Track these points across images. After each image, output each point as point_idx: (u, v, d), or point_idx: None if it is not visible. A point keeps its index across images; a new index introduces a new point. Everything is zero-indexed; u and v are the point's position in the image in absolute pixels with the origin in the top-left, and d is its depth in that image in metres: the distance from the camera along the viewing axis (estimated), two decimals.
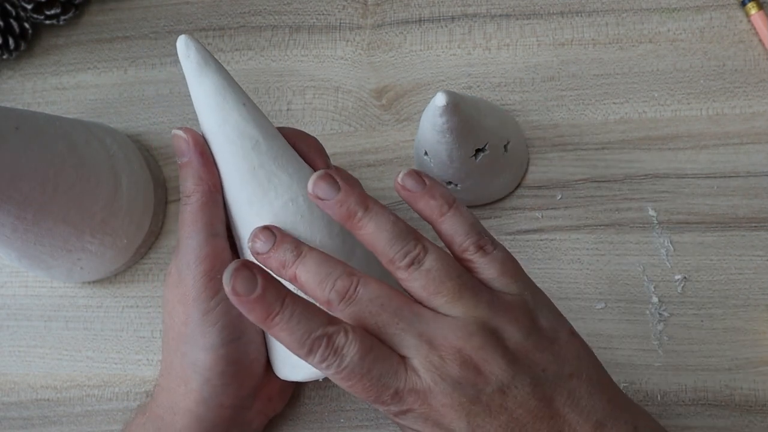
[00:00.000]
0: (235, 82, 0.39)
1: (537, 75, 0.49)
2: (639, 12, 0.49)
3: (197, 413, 0.40)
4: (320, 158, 0.41)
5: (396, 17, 0.52)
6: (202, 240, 0.38)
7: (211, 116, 0.38)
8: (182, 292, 0.39)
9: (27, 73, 0.56)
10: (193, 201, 0.39)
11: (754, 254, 0.45)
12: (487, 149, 0.43)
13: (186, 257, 0.39)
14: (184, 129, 0.39)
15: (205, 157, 0.39)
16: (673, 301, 0.45)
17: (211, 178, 0.39)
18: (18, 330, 0.51)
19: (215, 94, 0.38)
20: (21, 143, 0.40)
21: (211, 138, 0.39)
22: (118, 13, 0.56)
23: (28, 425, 0.49)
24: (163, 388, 0.41)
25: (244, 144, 0.38)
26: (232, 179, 0.39)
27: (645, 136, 0.47)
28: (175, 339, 0.40)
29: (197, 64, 0.38)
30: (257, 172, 0.38)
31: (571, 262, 0.46)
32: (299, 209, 0.38)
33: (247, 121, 0.38)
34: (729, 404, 0.43)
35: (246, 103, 0.38)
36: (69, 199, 0.42)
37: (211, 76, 0.38)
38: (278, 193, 0.38)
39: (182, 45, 0.38)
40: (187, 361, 0.39)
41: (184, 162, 0.39)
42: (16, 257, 0.44)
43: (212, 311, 0.38)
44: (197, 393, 0.39)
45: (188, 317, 0.39)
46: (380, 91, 0.51)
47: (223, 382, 0.39)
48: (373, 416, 0.46)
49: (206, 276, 0.38)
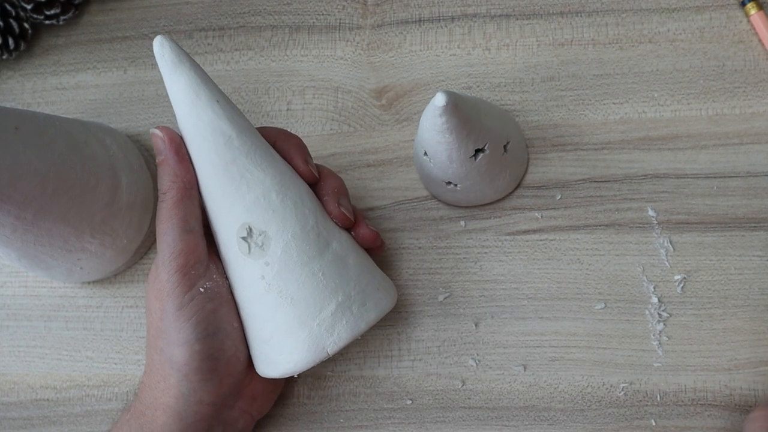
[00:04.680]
0: (210, 79, 0.40)
1: (537, 75, 0.49)
2: (639, 12, 0.49)
3: (177, 409, 0.40)
4: (299, 155, 0.42)
5: (396, 17, 0.52)
6: (177, 236, 0.39)
7: (185, 114, 0.39)
8: (158, 288, 0.40)
9: (27, 73, 0.56)
10: (169, 198, 0.40)
11: (754, 254, 0.45)
12: (486, 149, 0.43)
13: (161, 253, 0.40)
14: (160, 128, 0.41)
15: (180, 154, 0.40)
16: (672, 301, 0.45)
17: (186, 175, 0.40)
18: (18, 330, 0.51)
19: (189, 91, 0.39)
20: (21, 143, 0.40)
21: (186, 135, 0.40)
22: (118, 13, 0.56)
23: (28, 425, 0.49)
24: (145, 385, 0.41)
25: (216, 140, 0.39)
26: (206, 175, 0.40)
27: (645, 136, 0.47)
28: (153, 335, 0.40)
29: (171, 63, 0.39)
30: (230, 167, 0.39)
31: (571, 263, 0.46)
32: (271, 204, 0.39)
33: (220, 117, 0.39)
34: (729, 404, 0.43)
35: (220, 100, 0.39)
36: (69, 199, 0.42)
37: (186, 74, 0.39)
38: (250, 187, 0.39)
39: (157, 45, 0.39)
40: (164, 357, 0.40)
41: (161, 160, 0.40)
42: (16, 257, 0.44)
43: (186, 306, 0.39)
44: (176, 389, 0.40)
45: (163, 312, 0.39)
46: (380, 91, 0.51)
47: (200, 378, 0.39)
48: (373, 416, 0.46)
49: (180, 271, 0.39)
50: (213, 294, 0.40)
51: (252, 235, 0.39)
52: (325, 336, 0.39)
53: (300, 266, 0.39)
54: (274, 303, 0.40)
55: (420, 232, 0.48)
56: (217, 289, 0.40)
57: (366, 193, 0.49)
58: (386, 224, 0.49)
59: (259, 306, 0.40)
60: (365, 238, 0.43)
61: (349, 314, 0.40)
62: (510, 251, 0.47)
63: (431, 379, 0.46)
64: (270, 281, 0.39)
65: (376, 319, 0.41)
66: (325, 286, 0.40)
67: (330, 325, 0.39)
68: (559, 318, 0.46)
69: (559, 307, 0.46)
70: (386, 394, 0.46)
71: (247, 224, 0.39)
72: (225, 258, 0.41)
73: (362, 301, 0.40)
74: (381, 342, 0.47)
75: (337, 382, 0.47)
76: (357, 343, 0.47)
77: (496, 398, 0.45)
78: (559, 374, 0.45)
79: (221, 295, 0.41)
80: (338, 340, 0.40)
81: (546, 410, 0.45)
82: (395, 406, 0.46)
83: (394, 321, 0.47)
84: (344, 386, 0.47)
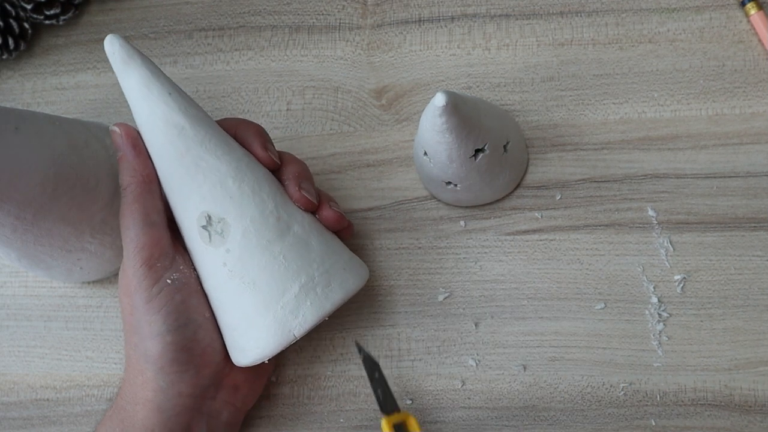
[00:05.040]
0: (162, 73, 0.40)
1: (536, 75, 0.49)
2: (639, 12, 0.49)
3: (156, 403, 0.40)
4: (258, 141, 0.42)
5: (396, 17, 0.52)
6: (139, 230, 0.40)
7: (139, 108, 0.40)
8: (126, 283, 0.40)
9: (27, 73, 0.56)
10: (129, 193, 0.40)
11: (754, 254, 0.45)
12: (486, 149, 0.43)
13: (126, 249, 0.40)
14: (118, 124, 0.41)
15: (137, 149, 0.41)
16: (672, 301, 0.45)
17: (144, 170, 0.41)
18: (18, 330, 0.51)
19: (141, 86, 0.40)
20: (21, 143, 0.40)
21: (142, 129, 0.41)
22: (118, 13, 0.56)
23: (28, 425, 0.49)
24: (125, 381, 0.42)
25: (169, 132, 0.40)
26: (164, 167, 0.41)
27: (644, 136, 0.47)
28: (127, 331, 0.40)
29: (122, 60, 0.39)
30: (184, 157, 0.40)
31: (571, 263, 0.46)
32: (228, 191, 0.40)
33: (172, 109, 0.40)
34: (729, 404, 0.43)
35: (172, 93, 0.40)
36: (69, 199, 0.42)
37: (137, 69, 0.39)
38: (206, 176, 0.40)
39: (108, 44, 0.40)
40: (139, 352, 0.40)
41: (120, 156, 0.41)
42: (16, 257, 0.44)
43: (154, 298, 0.39)
44: (153, 382, 0.40)
45: (133, 307, 0.40)
46: (380, 91, 0.51)
47: (176, 370, 0.40)
48: (373, 416, 0.46)
49: (145, 265, 0.39)
50: (181, 285, 0.40)
51: (211, 223, 0.40)
52: (290, 318, 0.39)
53: (260, 250, 0.40)
54: (237, 289, 0.40)
55: (420, 232, 0.48)
56: (184, 279, 0.40)
57: (366, 193, 0.49)
58: (386, 224, 0.49)
59: (224, 294, 0.40)
60: (329, 220, 0.43)
61: (314, 295, 0.40)
62: (510, 251, 0.47)
63: (431, 379, 0.46)
64: (232, 268, 0.40)
65: (343, 299, 0.41)
66: (286, 269, 0.40)
67: (294, 308, 0.39)
68: (559, 318, 0.46)
69: (559, 307, 0.46)
70: None
71: (206, 213, 0.40)
72: (190, 248, 0.41)
73: (327, 281, 0.40)
74: (381, 342, 0.47)
75: (337, 382, 0.47)
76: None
77: (496, 398, 0.45)
78: (559, 374, 0.45)
79: (189, 285, 0.41)
80: (303, 323, 0.40)
81: (546, 410, 0.45)
82: None
83: (394, 321, 0.47)
84: (344, 386, 0.47)
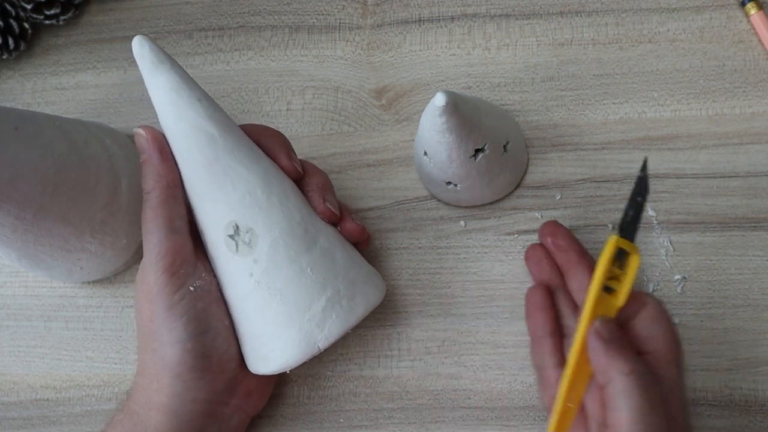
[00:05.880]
0: (191, 79, 0.40)
1: (536, 75, 0.49)
2: (639, 12, 0.49)
3: (171, 408, 0.40)
4: (283, 151, 0.42)
5: (396, 17, 0.52)
6: (162, 236, 0.39)
7: (167, 113, 0.39)
8: (146, 288, 0.39)
9: (27, 73, 0.56)
10: (153, 198, 0.40)
11: (754, 254, 0.45)
12: (486, 149, 0.43)
13: (147, 254, 0.40)
14: (143, 127, 0.40)
15: (163, 153, 0.40)
16: (673, 301, 0.45)
17: (169, 174, 0.40)
18: (18, 330, 0.51)
19: (170, 91, 0.39)
20: (21, 143, 0.40)
21: (169, 134, 0.40)
22: (118, 13, 0.56)
23: (28, 425, 0.49)
24: (138, 385, 0.41)
25: (199, 139, 0.39)
26: (190, 174, 0.40)
27: (645, 136, 0.47)
28: (145, 336, 0.40)
29: (152, 63, 0.39)
30: (213, 166, 0.39)
31: None
32: (257, 201, 0.39)
33: (202, 116, 0.39)
34: (729, 404, 0.43)
35: (201, 99, 0.39)
36: (69, 199, 0.42)
37: (166, 74, 0.39)
38: (235, 186, 0.39)
39: (137, 45, 0.39)
40: (157, 358, 0.39)
41: (144, 159, 0.40)
42: (16, 257, 0.44)
43: (176, 306, 0.39)
44: (169, 388, 0.40)
45: (153, 314, 0.39)
46: (380, 91, 0.51)
47: (194, 377, 0.39)
48: (373, 416, 0.46)
49: (167, 272, 0.39)
50: (203, 292, 0.40)
51: (239, 232, 0.39)
52: (315, 331, 0.39)
53: (288, 262, 0.39)
54: (263, 300, 0.40)
55: (420, 232, 0.48)
56: (206, 287, 0.40)
57: (366, 193, 0.49)
58: (386, 224, 0.49)
59: (249, 303, 0.40)
60: (351, 232, 0.43)
61: (339, 308, 0.40)
62: (510, 251, 0.47)
63: (431, 379, 0.46)
64: (259, 278, 0.39)
65: (366, 312, 0.41)
66: (313, 282, 0.40)
67: (320, 320, 0.39)
68: None
69: None
70: (386, 394, 0.46)
71: (234, 222, 0.39)
72: (212, 256, 0.41)
73: (351, 295, 0.40)
74: (381, 342, 0.47)
75: (337, 382, 0.47)
76: (357, 343, 0.47)
77: (496, 398, 0.45)
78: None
79: (210, 293, 0.41)
80: (329, 335, 0.40)
81: (546, 410, 0.45)
82: (395, 406, 0.46)
83: (394, 321, 0.47)
84: (344, 386, 0.47)
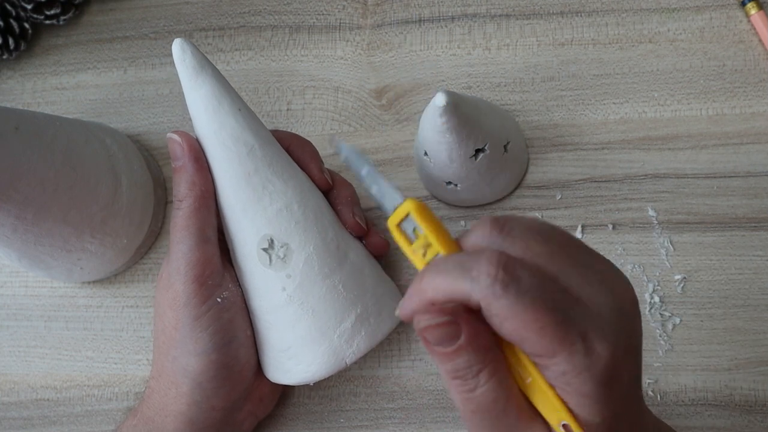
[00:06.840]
0: (231, 87, 0.39)
1: (537, 75, 0.49)
2: (639, 12, 0.49)
3: (189, 416, 0.40)
4: (314, 162, 0.42)
5: (396, 17, 0.52)
6: (193, 245, 0.38)
7: (206, 122, 0.38)
8: (172, 296, 0.39)
9: (27, 73, 0.55)
10: (186, 206, 0.39)
11: (754, 254, 0.45)
12: (486, 149, 0.43)
13: (176, 262, 0.39)
14: (179, 133, 0.39)
15: (199, 162, 0.39)
16: (673, 301, 0.45)
17: (204, 183, 0.39)
18: (18, 330, 0.51)
19: (211, 99, 0.38)
20: (21, 143, 0.40)
21: (205, 143, 0.39)
22: (118, 13, 0.56)
23: (28, 425, 0.49)
24: (154, 391, 0.41)
25: (239, 150, 0.38)
26: (226, 185, 0.39)
27: (645, 136, 0.47)
28: (165, 343, 0.40)
29: (193, 69, 0.38)
30: (252, 178, 0.38)
31: None
32: (293, 216, 0.39)
33: (242, 127, 0.38)
34: (729, 404, 0.43)
35: (242, 109, 0.38)
36: (69, 199, 0.42)
37: (208, 81, 0.38)
38: (273, 199, 0.39)
39: (178, 49, 0.38)
40: (177, 365, 0.39)
41: (178, 166, 0.39)
42: (16, 257, 0.44)
43: (203, 316, 0.38)
44: (188, 396, 0.39)
45: (178, 322, 0.39)
46: (380, 91, 0.51)
47: (214, 386, 0.39)
48: (373, 416, 0.46)
49: (196, 281, 0.38)
50: (229, 304, 0.40)
51: (273, 246, 0.39)
52: (344, 347, 0.39)
53: (321, 279, 0.39)
54: (294, 314, 0.39)
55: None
56: (233, 298, 0.40)
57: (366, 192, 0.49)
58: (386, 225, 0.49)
59: (279, 317, 0.40)
60: (376, 246, 0.43)
61: (368, 325, 0.40)
62: None
63: (431, 379, 0.46)
64: (291, 293, 0.39)
65: (392, 329, 0.41)
66: (345, 298, 0.39)
67: (350, 337, 0.39)
68: None
69: None
70: (386, 394, 0.46)
71: (269, 236, 0.39)
72: (241, 266, 0.40)
73: (378, 311, 0.40)
74: (381, 342, 0.47)
75: (337, 382, 0.47)
76: None
77: None
78: None
79: (236, 304, 0.40)
80: (357, 351, 0.40)
81: None
82: (395, 406, 0.46)
83: None
84: (344, 386, 0.47)
